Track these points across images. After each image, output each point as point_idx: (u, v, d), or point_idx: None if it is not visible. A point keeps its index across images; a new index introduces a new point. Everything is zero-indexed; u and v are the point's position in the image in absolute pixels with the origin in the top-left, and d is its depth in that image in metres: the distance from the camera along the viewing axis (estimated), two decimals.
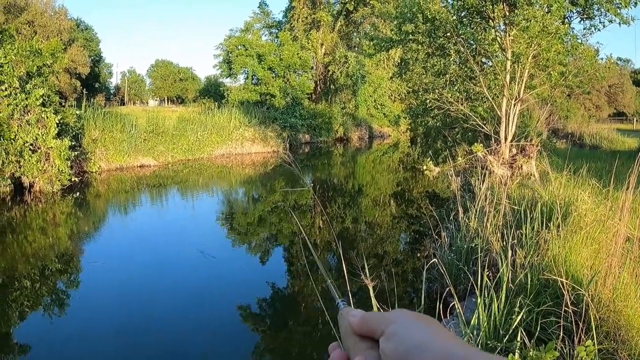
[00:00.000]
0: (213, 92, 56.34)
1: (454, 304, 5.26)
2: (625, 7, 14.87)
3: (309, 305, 9.04)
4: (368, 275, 4.12)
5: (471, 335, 4.97)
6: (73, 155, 18.98)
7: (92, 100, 26.72)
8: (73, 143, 19.44)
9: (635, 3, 14.85)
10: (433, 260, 5.92)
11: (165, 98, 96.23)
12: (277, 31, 55.01)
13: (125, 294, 9.14)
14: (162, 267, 10.75)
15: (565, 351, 4.51)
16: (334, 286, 0.99)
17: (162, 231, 14.55)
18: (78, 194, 18.23)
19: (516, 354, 4.28)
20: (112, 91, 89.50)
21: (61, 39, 34.06)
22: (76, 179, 18.78)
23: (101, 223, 15.87)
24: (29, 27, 44.73)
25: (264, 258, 12.24)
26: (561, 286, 4.92)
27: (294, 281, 10.56)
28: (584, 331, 4.52)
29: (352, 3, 53.87)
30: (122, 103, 79.89)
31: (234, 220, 16.23)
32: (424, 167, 16.37)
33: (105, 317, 8.05)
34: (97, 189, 20.62)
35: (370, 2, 47.41)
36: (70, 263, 11.28)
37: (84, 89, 32.91)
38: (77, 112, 21.79)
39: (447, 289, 5.24)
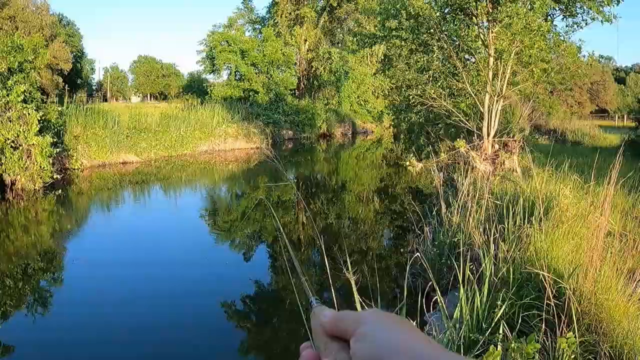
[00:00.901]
0: (196, 88, 56.05)
1: (437, 298, 5.29)
2: (608, 5, 14.97)
3: (293, 301, 9.05)
4: (350, 270, 4.14)
5: (454, 328, 5.00)
6: (55, 152, 18.82)
7: (74, 96, 26.57)
8: (55, 140, 19.29)
9: (618, 1, 14.95)
10: (416, 255, 5.94)
11: (148, 94, 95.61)
12: (260, 27, 54.95)
13: (108, 291, 9.11)
14: (145, 265, 10.73)
15: (547, 343, 4.55)
16: (309, 284, 0.96)
17: (145, 228, 14.51)
18: (60, 191, 18.11)
19: (498, 346, 4.31)
20: (94, 87, 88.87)
21: (43, 35, 33.85)
22: (58, 177, 18.64)
23: (83, 221, 15.80)
24: (11, 22, 44.44)
25: (247, 255, 12.25)
26: (543, 280, 4.96)
27: (278, 277, 10.57)
28: (565, 324, 4.57)
29: None
30: (105, 99, 79.35)
31: (217, 217, 16.22)
32: (407, 163, 16.41)
33: (88, 314, 8.02)
34: (80, 186, 20.51)
35: None
36: (53, 261, 11.24)
37: (66, 85, 32.72)
38: (59, 108, 21.61)
39: (430, 283, 5.27)
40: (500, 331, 4.61)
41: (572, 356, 4.10)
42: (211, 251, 12.10)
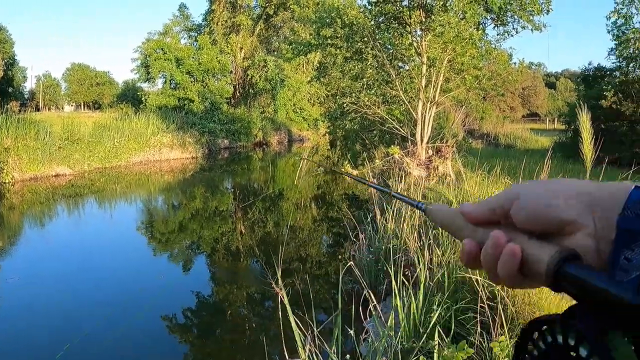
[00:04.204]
0: (131, 96, 55.22)
1: (374, 305, 5.33)
2: (538, 14, 15.45)
3: (235, 312, 9.02)
4: (281, 283, 4.16)
5: (390, 334, 5.04)
6: None
7: (5, 106, 25.83)
8: None
9: (548, 11, 15.42)
10: (350, 263, 5.98)
11: (82, 103, 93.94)
12: (196, 34, 54.53)
13: (44, 309, 8.89)
14: (82, 281, 10.49)
15: (484, 345, 4.65)
16: (403, 195, 1.00)
17: (80, 243, 14.21)
18: None
19: (435, 355, 4.37)
20: (26, 96, 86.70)
21: None
22: None
23: (16, 237, 15.35)
24: None
25: (186, 266, 12.11)
26: (475, 283, 5.07)
27: (218, 288, 10.51)
28: (500, 325, 4.67)
29: (272, 7, 53.96)
30: (37, 109, 77.54)
31: (154, 229, 16.00)
32: (342, 170, 16.55)
33: (23, 335, 7.82)
34: (11, 200, 19.95)
35: (291, 6, 47.50)
36: None
37: None
38: None
39: (365, 290, 5.31)
40: (435, 337, 4.68)
41: (507, 358, 4.19)
42: (148, 264, 11.96)
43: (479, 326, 4.86)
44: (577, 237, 0.64)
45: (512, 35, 16.31)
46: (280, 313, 4.29)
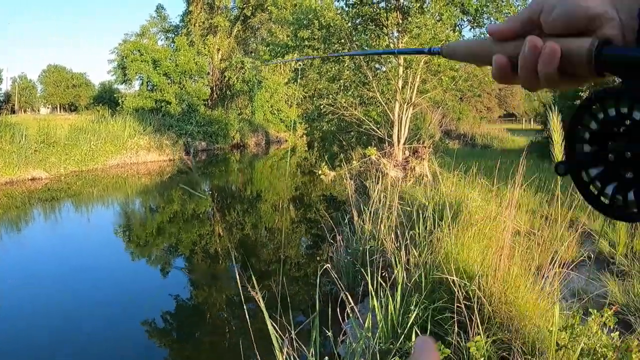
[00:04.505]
0: (107, 98, 54.69)
1: (351, 306, 5.33)
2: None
3: (214, 314, 8.98)
4: (257, 287, 4.15)
5: (368, 336, 5.04)
6: None
7: None
8: None
9: None
10: (326, 265, 5.97)
11: (58, 105, 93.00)
12: (173, 36, 54.21)
13: (21, 314, 8.79)
14: (60, 286, 10.38)
15: (461, 345, 4.67)
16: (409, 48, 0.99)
17: (58, 248, 14.04)
18: None
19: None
20: (1, 98, 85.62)
21: None
22: None
23: None
24: None
25: (165, 270, 12.03)
26: (452, 283, 5.09)
27: (197, 292, 10.46)
28: (477, 325, 4.68)
29: (250, 8, 53.80)
30: (13, 111, 76.55)
31: (131, 233, 15.88)
32: (320, 172, 16.57)
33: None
34: None
35: (268, 8, 47.37)
36: None
37: None
38: None
39: (342, 292, 5.31)
40: (413, 337, 4.68)
41: (482, 358, 4.20)
42: (127, 268, 11.86)
43: (456, 326, 4.89)
44: (605, 29, 0.67)
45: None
46: (258, 316, 4.29)
